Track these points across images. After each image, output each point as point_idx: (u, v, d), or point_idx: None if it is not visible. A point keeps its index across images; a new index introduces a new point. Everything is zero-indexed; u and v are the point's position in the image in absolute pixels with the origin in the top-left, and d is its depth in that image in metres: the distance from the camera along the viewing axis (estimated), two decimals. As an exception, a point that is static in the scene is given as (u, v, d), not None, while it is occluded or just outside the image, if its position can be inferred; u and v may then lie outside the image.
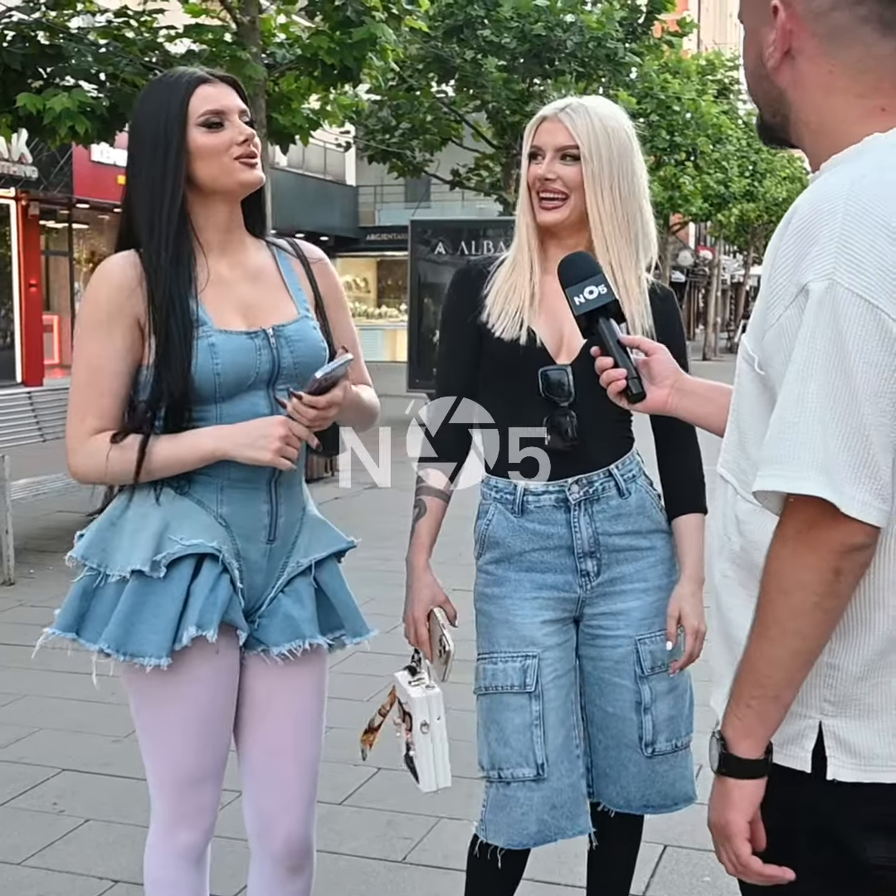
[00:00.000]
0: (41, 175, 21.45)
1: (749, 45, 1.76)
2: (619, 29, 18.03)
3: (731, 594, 1.73)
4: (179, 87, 2.39)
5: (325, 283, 2.64)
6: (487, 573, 2.77)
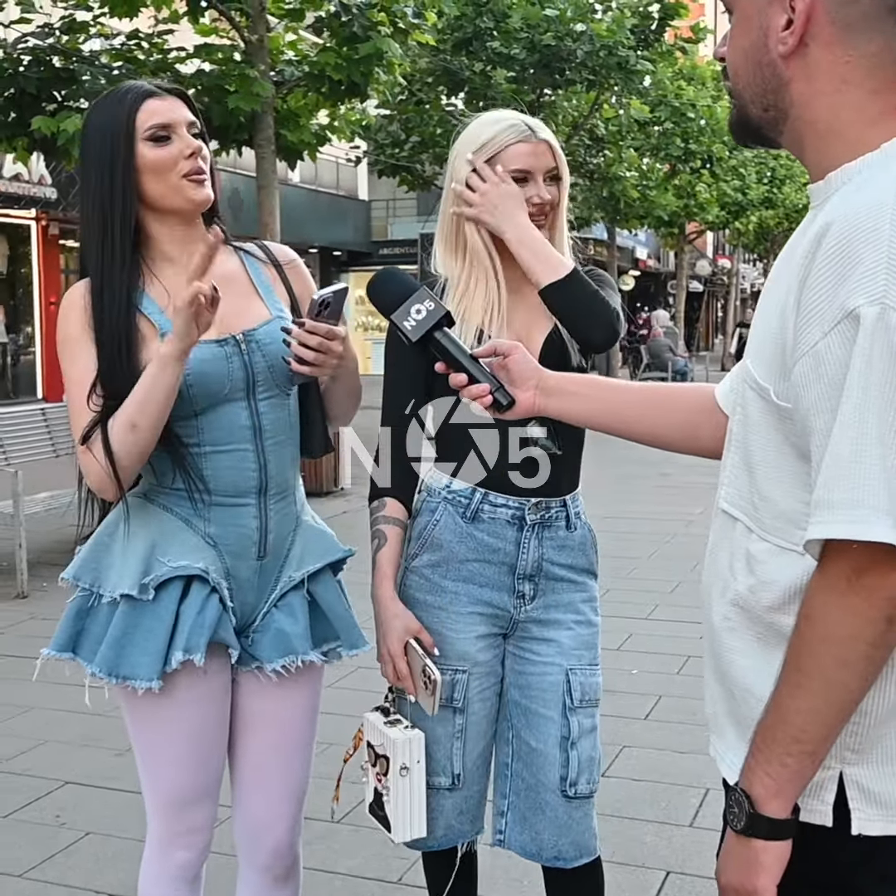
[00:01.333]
0: (60, 196, 21.62)
1: (745, 28, 1.61)
2: (631, 37, 17.81)
3: (734, 637, 1.62)
4: (126, 101, 2.36)
5: (299, 284, 2.61)
6: (422, 577, 2.68)
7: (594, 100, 20.01)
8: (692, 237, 36.64)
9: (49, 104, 10.80)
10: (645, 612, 6.92)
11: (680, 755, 4.76)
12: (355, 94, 11.31)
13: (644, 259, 44.64)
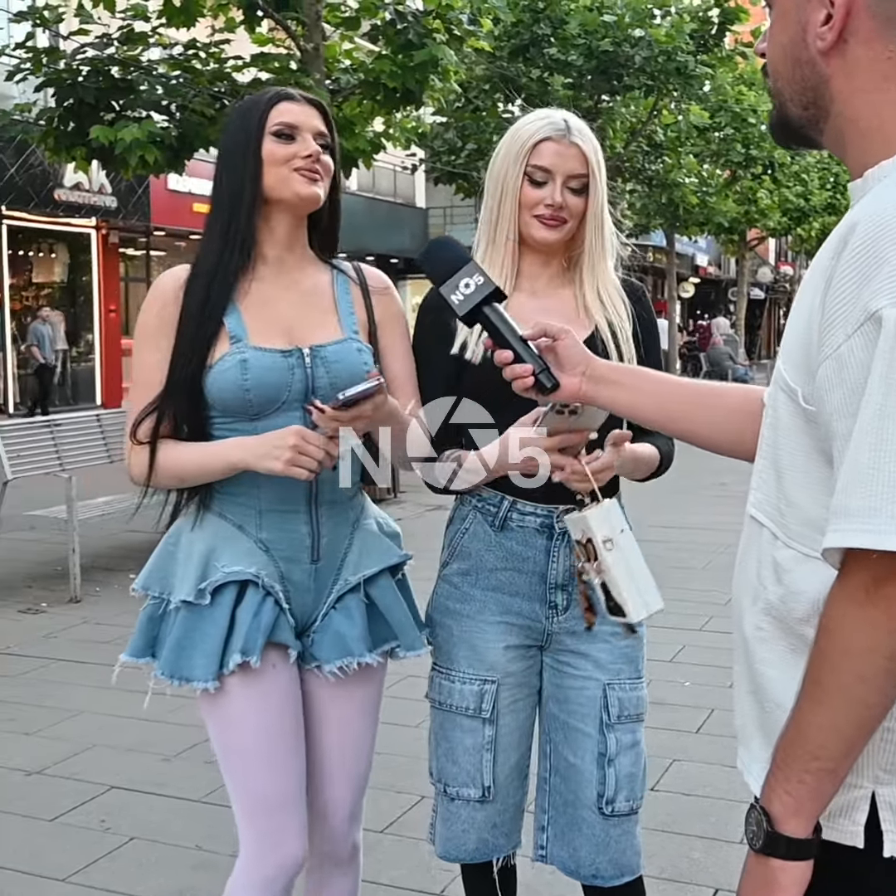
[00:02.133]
0: (120, 204, 21.89)
1: (783, 23, 1.57)
2: (690, 42, 17.66)
3: (766, 648, 1.58)
4: (262, 102, 2.48)
5: (382, 311, 2.63)
6: (452, 585, 2.68)
7: (653, 105, 19.86)
8: (753, 244, 36.36)
9: (107, 114, 10.91)
10: (699, 624, 6.85)
11: (731, 770, 4.56)
12: (410, 101, 11.31)
13: (704, 266, 44.38)
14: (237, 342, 2.43)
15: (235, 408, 2.43)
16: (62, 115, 11.03)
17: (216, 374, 2.42)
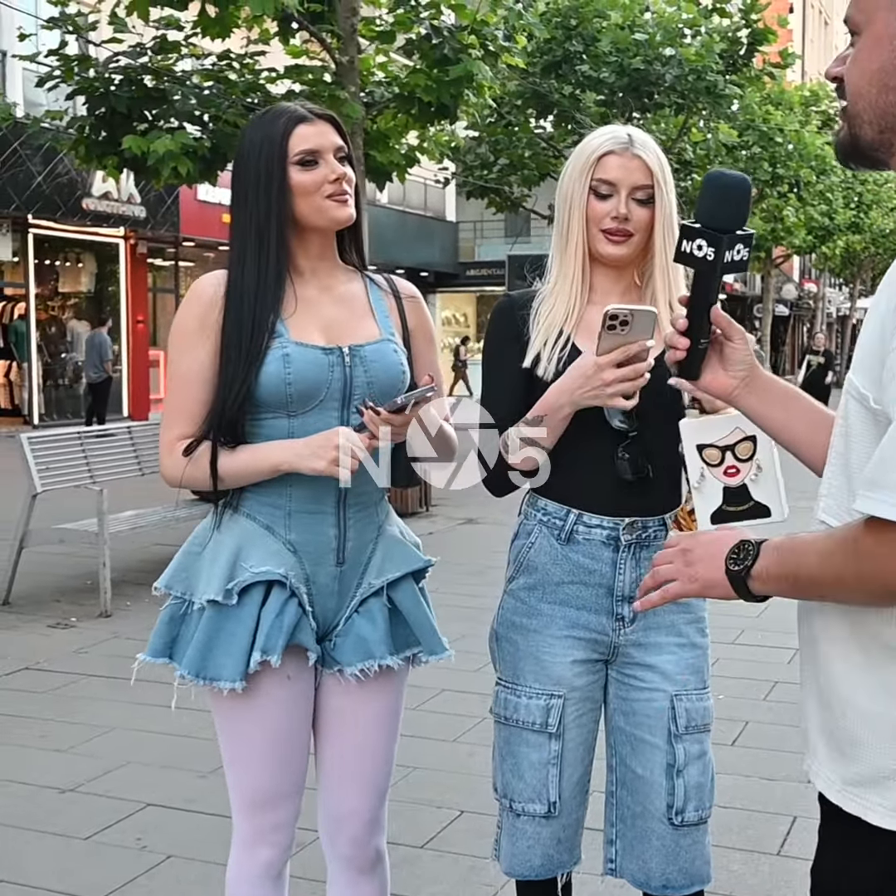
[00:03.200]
0: (149, 214, 21.95)
1: (874, 50, 1.63)
2: (720, 61, 17.84)
3: (836, 646, 1.66)
4: (278, 126, 2.49)
5: (414, 319, 2.69)
6: (519, 599, 2.67)
7: (682, 123, 19.98)
8: (779, 261, 36.39)
9: (140, 123, 10.92)
10: (731, 637, 6.86)
11: (768, 782, 4.71)
12: (445, 115, 11.32)
13: (730, 283, 44.36)
14: (279, 337, 2.47)
15: (275, 402, 2.46)
16: (94, 123, 11.08)
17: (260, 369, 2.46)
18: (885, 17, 1.62)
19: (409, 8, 11.17)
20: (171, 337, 2.56)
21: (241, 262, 2.51)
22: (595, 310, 2.63)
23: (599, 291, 2.68)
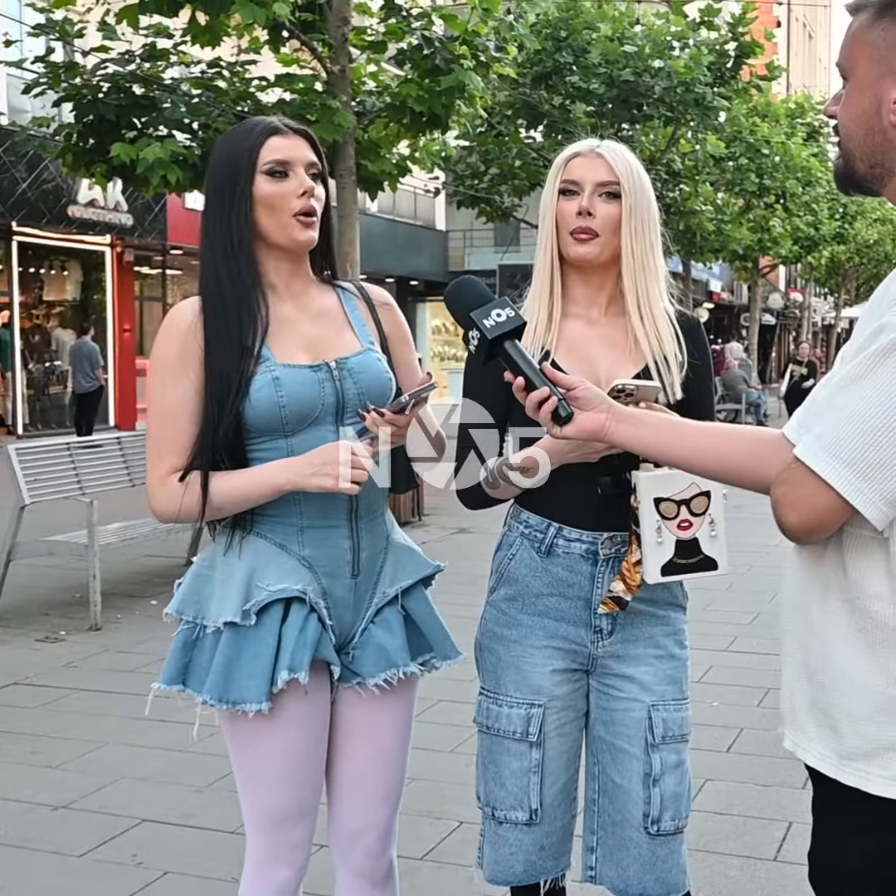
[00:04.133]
0: (136, 222, 21.88)
1: (859, 96, 1.81)
2: (707, 74, 17.95)
3: (836, 628, 1.79)
4: (251, 137, 2.46)
5: (389, 323, 2.70)
6: (500, 610, 2.71)
7: (671, 135, 20.07)
8: (765, 271, 36.51)
9: (128, 131, 10.85)
10: (724, 645, 6.94)
11: (763, 788, 4.75)
12: (437, 125, 11.28)
13: (718, 292, 44.62)
14: (265, 361, 2.45)
15: (270, 426, 2.44)
16: (82, 131, 10.99)
17: (249, 393, 2.43)
18: (866, 65, 1.80)
19: (400, 18, 11.14)
20: (153, 368, 2.51)
21: (210, 279, 2.49)
22: (578, 324, 2.69)
23: (582, 302, 2.72)
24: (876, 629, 1.75)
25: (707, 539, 2.52)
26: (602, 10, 17.84)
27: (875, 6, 1.80)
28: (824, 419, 1.72)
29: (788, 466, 1.74)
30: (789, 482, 1.74)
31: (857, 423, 1.66)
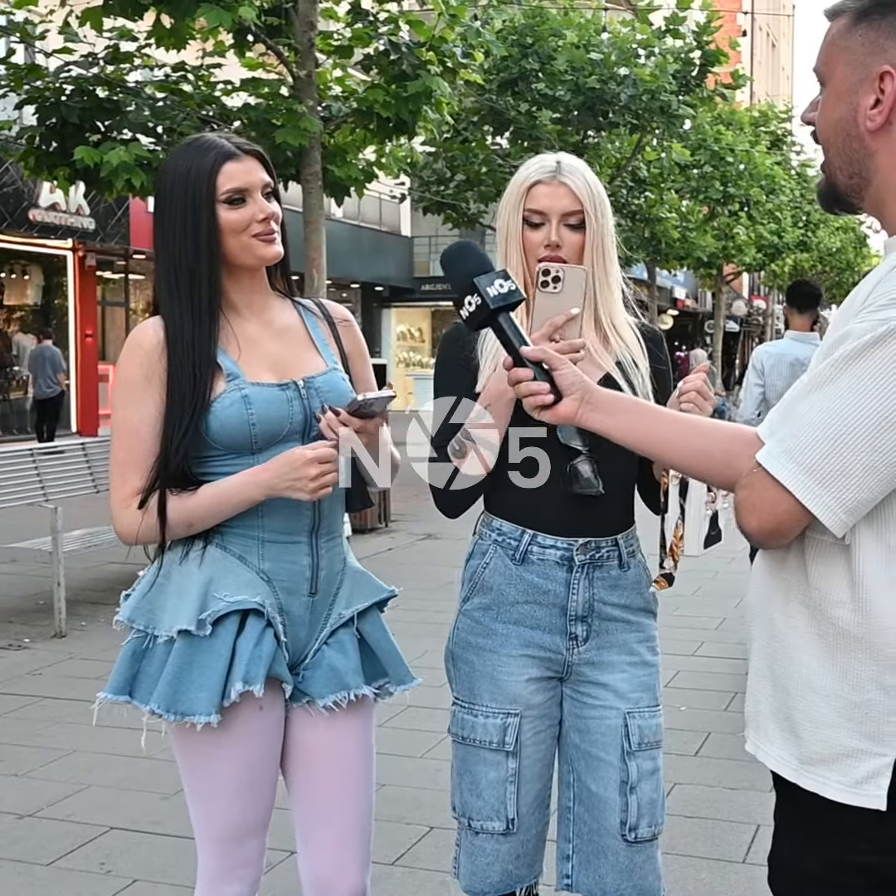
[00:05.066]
0: (98, 226, 21.72)
1: (836, 102, 1.81)
2: (673, 82, 18.00)
3: (798, 635, 1.80)
4: (206, 163, 2.46)
5: (349, 342, 2.72)
6: (474, 619, 2.70)
7: (637, 142, 20.13)
8: (729, 278, 36.76)
9: (92, 134, 10.77)
10: (691, 649, 6.99)
11: (731, 791, 4.79)
12: (403, 131, 11.27)
13: (682, 299, 44.83)
14: (234, 379, 2.46)
15: (238, 444, 2.45)
16: (45, 134, 10.89)
17: (218, 410, 2.43)
18: (843, 71, 1.79)
19: (367, 23, 11.12)
20: (117, 389, 2.51)
21: (172, 301, 2.48)
22: (535, 337, 2.67)
23: None
24: (837, 635, 1.75)
25: (722, 512, 2.58)
26: (568, 17, 17.86)
27: (853, 11, 1.80)
28: (787, 425, 1.73)
29: (751, 470, 1.75)
30: (751, 486, 1.75)
31: (817, 430, 1.67)
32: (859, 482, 1.66)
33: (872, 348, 1.65)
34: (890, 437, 1.64)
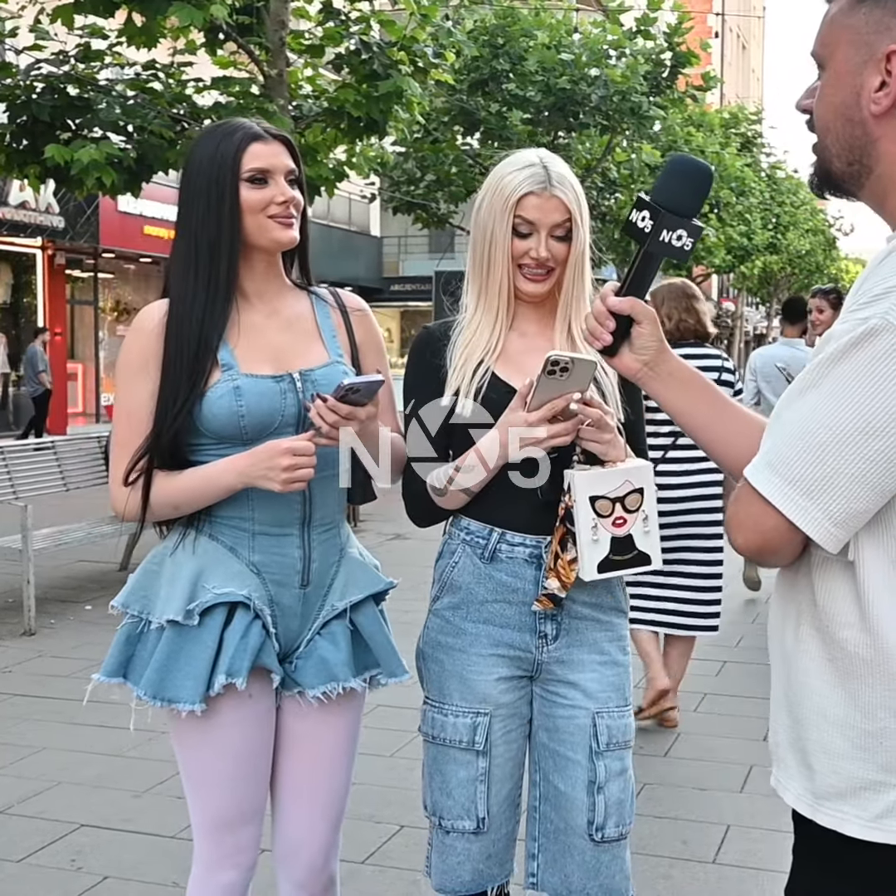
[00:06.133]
0: (68, 225, 21.63)
1: (837, 85, 1.69)
2: (644, 83, 18.06)
3: (808, 658, 1.71)
4: (233, 142, 2.47)
5: (362, 333, 2.70)
6: (443, 619, 2.70)
7: (607, 143, 20.15)
8: (699, 280, 36.83)
9: (63, 132, 10.74)
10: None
11: (700, 792, 4.80)
12: (374, 131, 11.28)
13: (651, 301, 44.86)
14: (228, 370, 2.46)
15: (228, 434, 2.46)
16: (15, 131, 10.84)
17: (210, 400, 2.44)
18: (845, 51, 1.67)
19: (338, 22, 11.13)
20: (117, 370, 2.56)
21: (187, 276, 2.48)
22: (513, 336, 2.70)
23: (519, 318, 2.73)
24: (847, 658, 1.65)
25: (641, 535, 2.54)
26: (539, 17, 17.93)
27: None
28: (771, 435, 1.65)
29: (740, 485, 1.67)
30: (737, 500, 1.67)
31: (800, 440, 1.59)
32: (847, 492, 1.56)
33: (854, 349, 1.55)
34: (876, 444, 1.54)
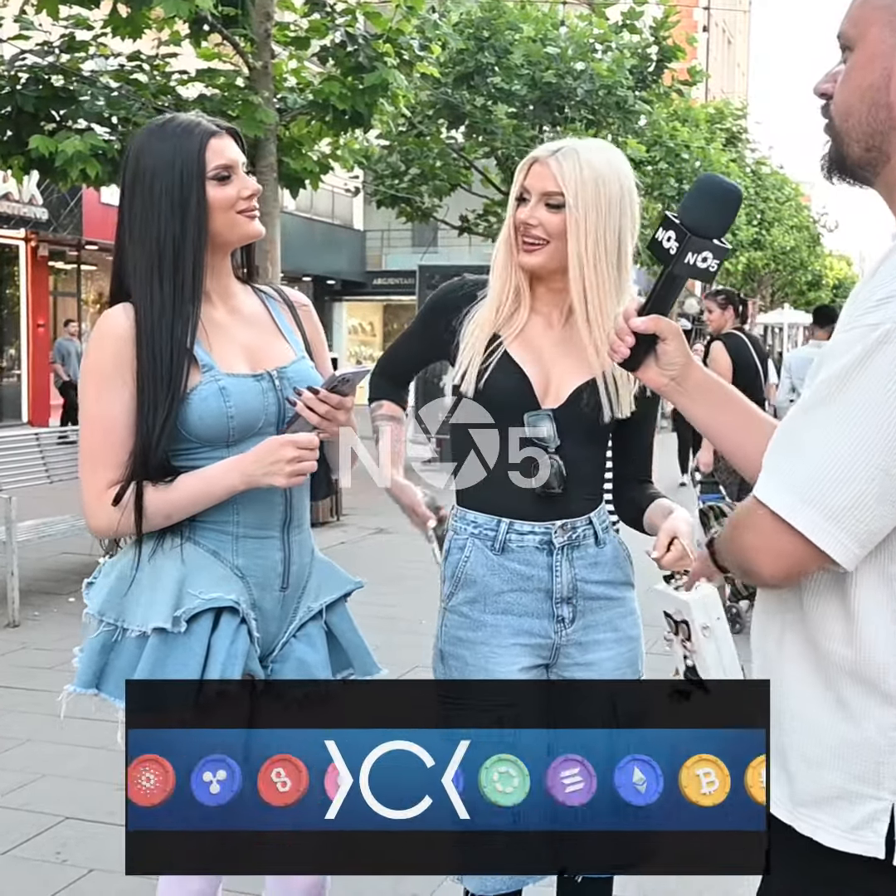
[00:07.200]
0: (51, 216, 21.55)
1: (866, 67, 1.63)
2: (630, 77, 18.04)
3: (793, 665, 1.70)
4: (193, 140, 2.42)
5: (310, 327, 2.72)
6: (461, 615, 2.69)
7: (592, 137, 20.06)
8: (682, 277, 36.93)
9: (47, 123, 10.69)
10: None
11: None
12: (359, 124, 11.24)
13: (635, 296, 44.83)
14: (209, 370, 2.42)
15: (214, 436, 2.42)
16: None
17: (194, 403, 2.39)
18: (878, 32, 1.62)
19: (324, 14, 11.09)
20: (86, 379, 2.44)
21: (152, 284, 2.41)
22: (539, 322, 2.70)
23: (545, 303, 2.71)
24: (831, 668, 1.64)
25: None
26: (525, 11, 17.89)
27: None
28: (788, 456, 1.59)
29: (754, 511, 1.62)
30: (754, 528, 1.62)
31: (823, 461, 1.53)
32: (873, 512, 1.52)
33: (869, 359, 1.50)
34: None
